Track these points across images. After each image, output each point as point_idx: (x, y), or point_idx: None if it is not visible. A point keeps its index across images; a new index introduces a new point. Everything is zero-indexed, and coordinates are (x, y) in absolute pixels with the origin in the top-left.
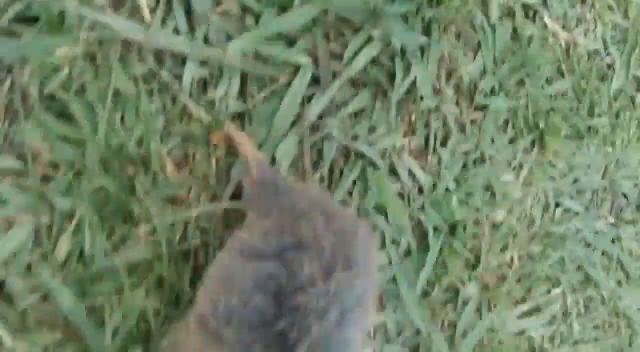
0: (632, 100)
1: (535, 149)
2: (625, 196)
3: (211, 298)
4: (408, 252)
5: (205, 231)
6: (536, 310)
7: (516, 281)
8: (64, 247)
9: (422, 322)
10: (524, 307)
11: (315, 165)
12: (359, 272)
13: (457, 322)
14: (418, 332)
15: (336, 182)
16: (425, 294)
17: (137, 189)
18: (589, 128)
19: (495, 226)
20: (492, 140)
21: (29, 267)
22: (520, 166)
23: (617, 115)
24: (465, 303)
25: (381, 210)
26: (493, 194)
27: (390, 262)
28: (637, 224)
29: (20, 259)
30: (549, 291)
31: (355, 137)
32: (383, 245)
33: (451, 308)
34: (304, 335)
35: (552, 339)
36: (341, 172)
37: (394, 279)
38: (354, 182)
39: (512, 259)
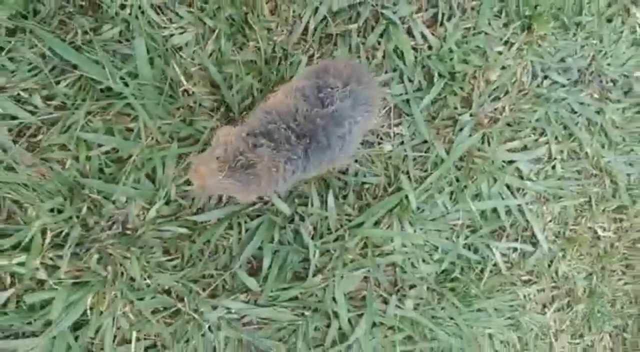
0: (627, 9)
1: (525, 32)
2: (612, 81)
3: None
4: (419, 89)
5: (284, 48)
6: (524, 148)
7: (506, 124)
8: (210, 46)
9: (427, 133)
10: (514, 144)
11: (356, 19)
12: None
13: (454, 139)
14: (425, 141)
15: (369, 32)
16: (431, 118)
17: (249, 20)
18: (577, 24)
19: (488, 82)
20: (489, 23)
21: (193, 53)
22: (512, 44)
23: (609, 20)
24: (461, 128)
25: (400, 57)
26: (487, 59)
27: (406, 92)
28: (622, 103)
29: (190, 48)
30: (536, 140)
31: (383, 6)
32: (401, 80)
33: (450, 131)
34: (330, 105)
35: (537, 174)
36: (372, 28)
37: (408, 102)
38: (381, 34)
39: (503, 109)
